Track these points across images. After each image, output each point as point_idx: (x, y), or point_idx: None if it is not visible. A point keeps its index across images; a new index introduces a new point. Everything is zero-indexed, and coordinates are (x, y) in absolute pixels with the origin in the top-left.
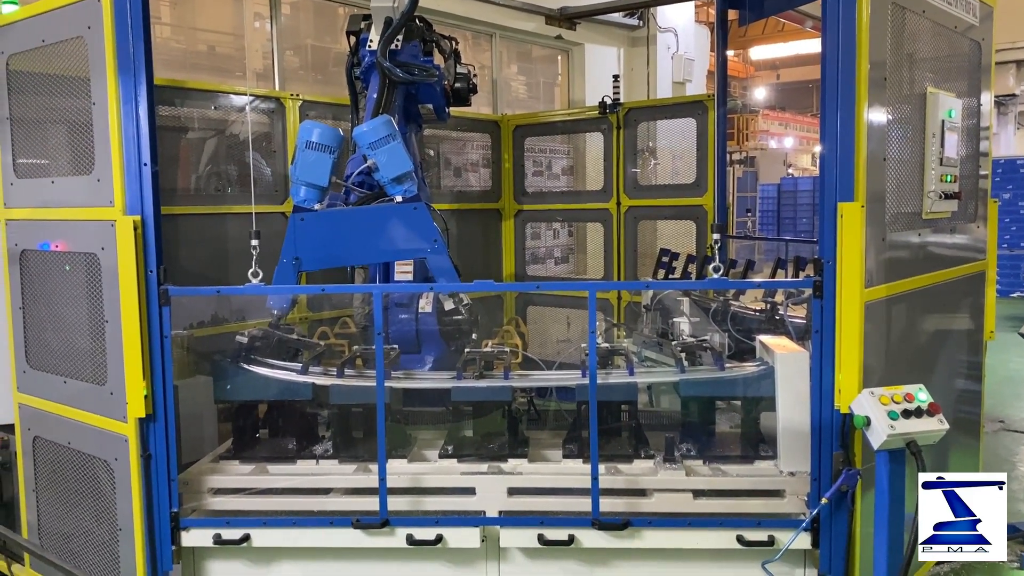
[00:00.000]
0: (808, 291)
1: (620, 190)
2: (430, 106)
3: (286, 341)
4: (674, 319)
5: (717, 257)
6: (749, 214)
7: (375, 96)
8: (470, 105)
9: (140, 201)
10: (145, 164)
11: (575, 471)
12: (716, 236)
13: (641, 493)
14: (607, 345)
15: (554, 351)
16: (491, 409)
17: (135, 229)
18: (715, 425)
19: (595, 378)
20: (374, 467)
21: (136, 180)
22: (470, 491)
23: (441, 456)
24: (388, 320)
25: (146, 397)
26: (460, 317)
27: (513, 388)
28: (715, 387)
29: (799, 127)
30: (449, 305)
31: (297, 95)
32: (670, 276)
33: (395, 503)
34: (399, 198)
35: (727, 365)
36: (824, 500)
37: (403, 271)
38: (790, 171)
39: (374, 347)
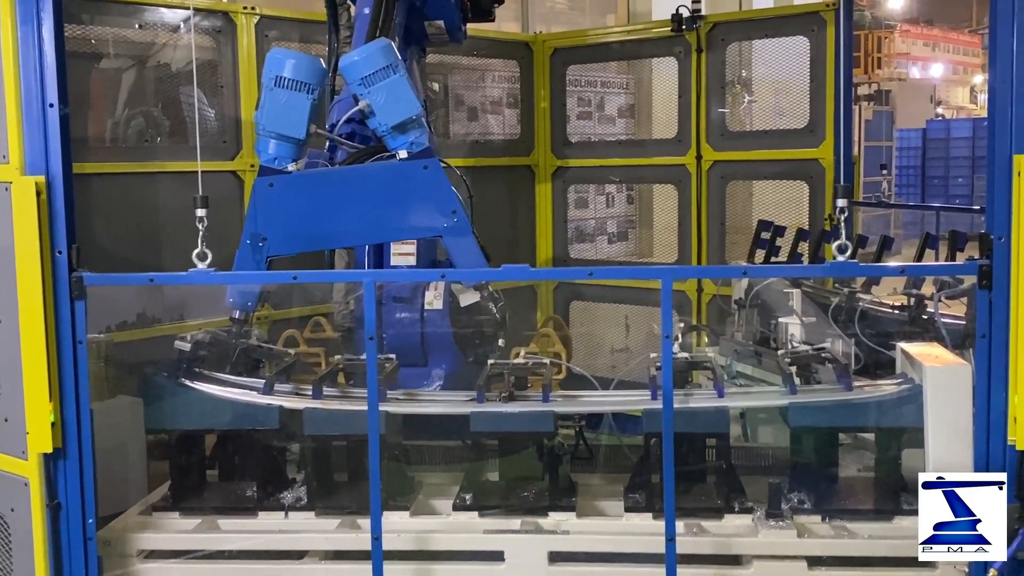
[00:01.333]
0: (970, 279)
1: (701, 139)
2: (440, 23)
3: (243, 349)
4: (779, 319)
5: (842, 232)
6: (884, 172)
7: (367, 12)
8: (493, 20)
9: (45, 156)
10: (51, 105)
11: (642, 529)
12: (840, 203)
13: (735, 560)
14: (685, 356)
15: (609, 364)
16: (524, 444)
17: (38, 194)
18: (838, 467)
19: (670, 401)
20: (365, 522)
21: (39, 127)
22: (497, 556)
23: (456, 508)
24: (383, 321)
25: (53, 425)
26: (487, 317)
27: (555, 415)
28: (837, 414)
29: (952, 49)
30: (469, 299)
31: (252, 8)
32: (773, 259)
33: (394, 571)
34: (403, 153)
35: (854, 384)
36: (993, 572)
37: (402, 253)
38: (939, 111)
39: (363, 357)
